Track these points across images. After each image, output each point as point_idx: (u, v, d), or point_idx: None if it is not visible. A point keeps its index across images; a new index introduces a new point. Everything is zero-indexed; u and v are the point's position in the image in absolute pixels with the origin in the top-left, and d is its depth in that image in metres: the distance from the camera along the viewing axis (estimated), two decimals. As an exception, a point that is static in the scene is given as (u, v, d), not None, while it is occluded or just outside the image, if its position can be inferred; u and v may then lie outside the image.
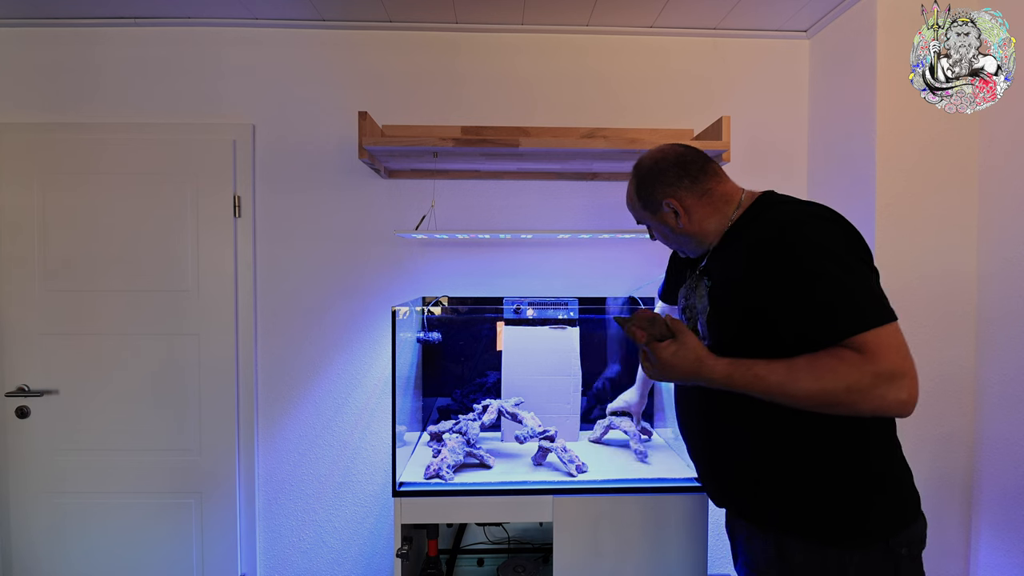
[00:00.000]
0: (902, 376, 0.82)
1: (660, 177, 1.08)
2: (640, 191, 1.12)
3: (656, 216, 1.11)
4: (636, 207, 1.16)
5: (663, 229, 1.13)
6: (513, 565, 1.75)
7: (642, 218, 1.17)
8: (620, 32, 1.96)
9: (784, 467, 0.97)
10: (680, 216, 1.07)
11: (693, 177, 1.07)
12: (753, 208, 1.04)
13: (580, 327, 1.87)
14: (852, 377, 0.83)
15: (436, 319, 1.94)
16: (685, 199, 1.07)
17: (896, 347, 0.84)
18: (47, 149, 1.87)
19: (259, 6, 1.82)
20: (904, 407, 0.83)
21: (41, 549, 1.92)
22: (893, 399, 0.83)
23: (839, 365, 0.84)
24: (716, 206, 1.06)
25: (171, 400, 1.91)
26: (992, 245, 1.62)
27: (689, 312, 1.13)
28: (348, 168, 1.94)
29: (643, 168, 1.12)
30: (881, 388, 0.82)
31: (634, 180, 1.14)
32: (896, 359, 0.83)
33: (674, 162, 1.08)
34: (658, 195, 1.08)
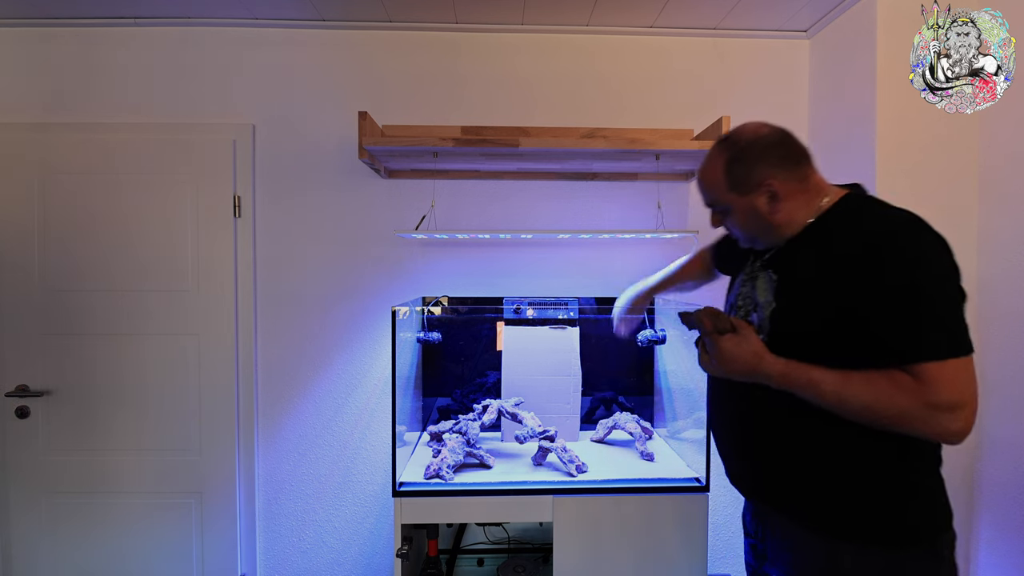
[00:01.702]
0: (959, 408, 0.82)
1: (763, 155, 0.97)
2: (733, 168, 0.99)
3: (745, 199, 0.99)
4: (718, 187, 1.02)
5: (747, 215, 1.01)
6: (513, 565, 1.75)
7: (721, 200, 1.03)
8: (620, 32, 1.96)
9: (836, 469, 0.94)
10: (776, 202, 0.97)
11: (796, 160, 0.98)
12: (840, 205, 0.97)
13: (580, 327, 1.87)
14: (905, 403, 0.84)
15: (436, 319, 1.94)
16: (786, 183, 0.97)
17: (959, 381, 0.83)
18: (47, 149, 1.87)
19: (259, 6, 1.82)
20: (955, 437, 0.84)
21: (41, 549, 1.92)
22: (945, 429, 0.84)
23: (895, 390, 0.84)
24: (809, 196, 0.99)
25: (171, 400, 1.91)
26: (992, 246, 1.62)
27: (743, 301, 1.07)
28: (348, 168, 1.94)
29: (740, 143, 1.00)
30: (936, 418, 0.83)
31: (723, 155, 1.01)
32: (954, 392, 0.82)
33: (778, 141, 0.98)
34: (756, 175, 0.97)
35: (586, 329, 1.91)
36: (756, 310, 1.03)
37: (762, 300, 1.01)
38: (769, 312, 0.99)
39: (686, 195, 2.00)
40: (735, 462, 1.11)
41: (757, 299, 1.03)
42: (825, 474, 0.95)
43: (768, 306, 1.00)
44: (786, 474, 1.00)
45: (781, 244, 1.02)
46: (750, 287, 1.06)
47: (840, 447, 0.94)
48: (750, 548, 1.15)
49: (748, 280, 1.08)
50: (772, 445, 1.01)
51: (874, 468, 0.93)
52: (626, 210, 1.98)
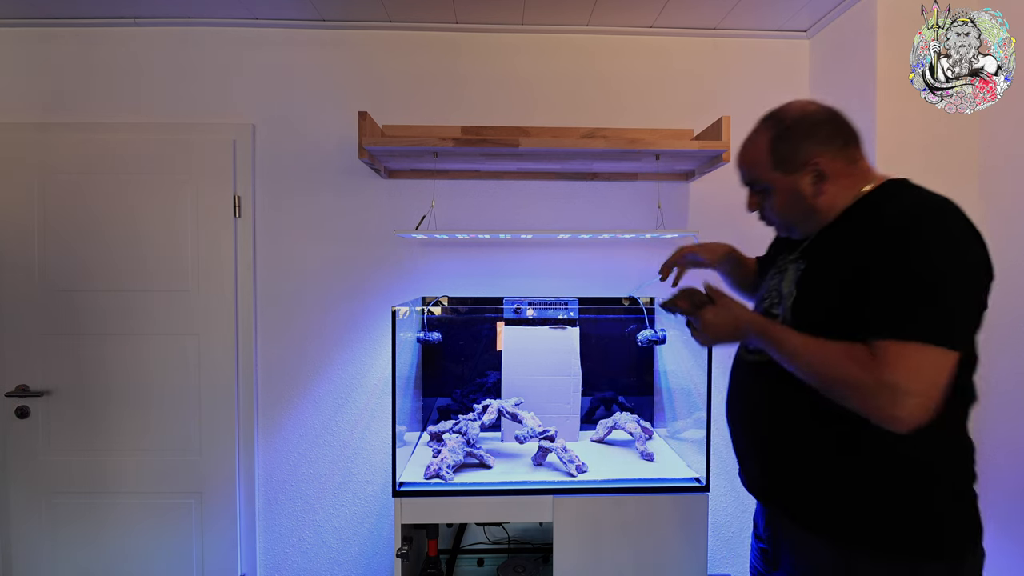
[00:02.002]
0: (908, 394, 0.78)
1: (812, 132, 0.92)
2: (779, 145, 0.94)
3: (789, 178, 0.94)
4: (761, 165, 0.97)
5: (789, 196, 0.96)
6: (513, 565, 1.75)
7: (762, 179, 0.98)
8: (620, 32, 1.96)
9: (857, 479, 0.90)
10: (822, 183, 0.93)
11: (845, 140, 0.93)
12: (879, 190, 0.93)
13: (580, 327, 1.87)
14: (855, 374, 0.82)
15: (436, 319, 1.94)
16: (834, 163, 0.92)
17: (918, 367, 0.79)
18: (47, 149, 1.87)
19: (259, 6, 1.82)
20: (898, 424, 0.80)
21: (41, 549, 1.92)
22: (888, 412, 0.80)
23: (850, 360, 0.83)
24: (855, 180, 0.93)
25: (171, 400, 1.91)
26: (992, 246, 1.62)
27: (769, 294, 1.05)
28: (348, 168, 1.94)
29: (786, 120, 0.95)
30: (880, 398, 0.80)
31: (769, 132, 0.96)
32: (907, 376, 0.79)
33: (827, 119, 0.94)
34: (804, 153, 0.92)
35: (586, 329, 1.91)
36: (780, 302, 1.00)
37: (786, 291, 0.99)
38: (791, 303, 0.97)
39: (686, 195, 2.00)
40: (750, 465, 1.08)
41: (782, 291, 1.00)
42: (845, 483, 0.91)
43: (790, 296, 0.97)
44: (803, 480, 0.96)
45: (815, 233, 0.98)
46: (778, 280, 1.03)
47: (862, 455, 0.90)
48: (759, 552, 1.12)
49: (778, 273, 1.05)
50: (790, 450, 0.97)
51: (898, 479, 0.88)
52: (626, 210, 1.98)
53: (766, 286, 1.09)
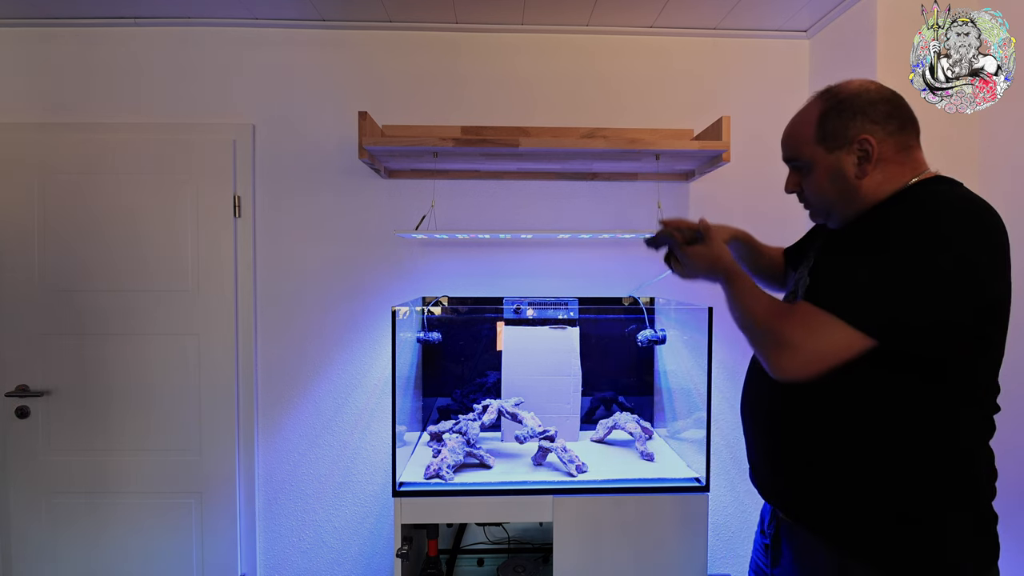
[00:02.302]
0: (792, 347, 0.83)
1: (867, 109, 0.87)
2: (827, 118, 0.90)
3: (833, 155, 0.90)
4: (805, 139, 0.93)
5: (829, 176, 0.91)
6: (513, 565, 1.75)
7: (806, 154, 0.93)
8: (620, 32, 1.96)
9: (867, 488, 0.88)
10: (867, 163, 0.87)
11: (902, 124, 0.88)
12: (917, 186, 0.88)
13: (580, 327, 1.87)
14: (762, 315, 0.88)
15: (436, 319, 1.94)
16: (884, 144, 0.87)
17: (816, 328, 0.81)
18: (47, 149, 1.87)
19: (259, 6, 1.82)
20: (781, 373, 0.85)
21: (41, 549, 1.92)
22: (774, 360, 0.85)
23: (769, 308, 0.89)
24: (903, 170, 0.89)
25: (171, 400, 1.91)
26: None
27: (795, 283, 1.05)
28: (348, 168, 1.94)
29: (844, 92, 0.90)
30: (771, 345, 0.86)
31: (821, 104, 0.91)
32: (802, 335, 0.82)
33: (887, 98, 0.89)
34: (854, 128, 0.87)
35: (586, 329, 1.91)
36: (799, 290, 1.00)
37: (803, 285, 0.99)
38: (804, 290, 0.96)
39: (686, 195, 2.00)
40: (760, 462, 1.06)
41: (799, 280, 1.01)
42: (852, 489, 0.89)
43: (804, 284, 0.97)
44: (810, 482, 0.94)
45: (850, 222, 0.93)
46: (805, 269, 1.02)
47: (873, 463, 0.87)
48: (763, 548, 1.11)
49: (807, 263, 1.03)
50: (801, 451, 0.95)
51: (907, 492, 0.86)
52: (626, 210, 1.98)
53: (793, 279, 1.08)
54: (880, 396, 0.86)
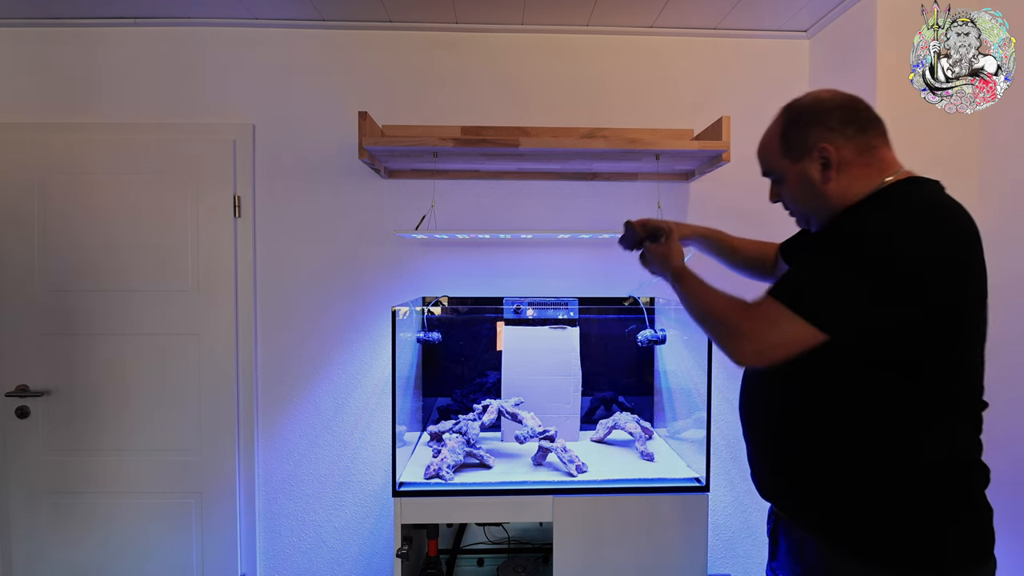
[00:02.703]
0: (747, 337, 0.88)
1: (822, 118, 0.92)
2: (788, 132, 0.95)
3: (798, 165, 0.94)
4: (773, 153, 0.98)
5: (799, 184, 0.95)
6: (513, 565, 1.75)
7: (775, 168, 0.99)
8: (620, 32, 1.96)
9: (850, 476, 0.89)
10: (830, 168, 0.91)
11: (861, 127, 0.91)
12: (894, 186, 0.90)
13: (580, 327, 1.87)
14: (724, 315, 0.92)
15: (436, 319, 1.94)
16: (844, 149, 0.90)
17: (770, 321, 0.86)
18: (47, 149, 1.87)
19: (259, 6, 1.82)
20: (732, 356, 0.90)
21: (41, 549, 1.92)
22: (730, 346, 0.90)
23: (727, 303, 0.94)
24: (871, 170, 0.91)
25: (171, 400, 1.91)
26: (992, 245, 1.62)
27: None
28: (348, 168, 1.94)
29: (799, 106, 0.95)
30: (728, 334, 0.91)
31: (782, 120, 0.97)
32: (757, 325, 0.87)
33: (843, 104, 0.92)
34: (812, 138, 0.92)
35: (586, 329, 1.91)
36: None
37: None
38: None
39: (686, 195, 2.00)
40: (760, 467, 1.07)
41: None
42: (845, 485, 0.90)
43: None
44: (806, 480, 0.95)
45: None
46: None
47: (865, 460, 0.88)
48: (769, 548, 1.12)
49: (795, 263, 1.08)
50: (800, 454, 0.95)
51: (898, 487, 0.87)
52: (626, 210, 1.98)
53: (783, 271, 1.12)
54: (868, 393, 0.88)
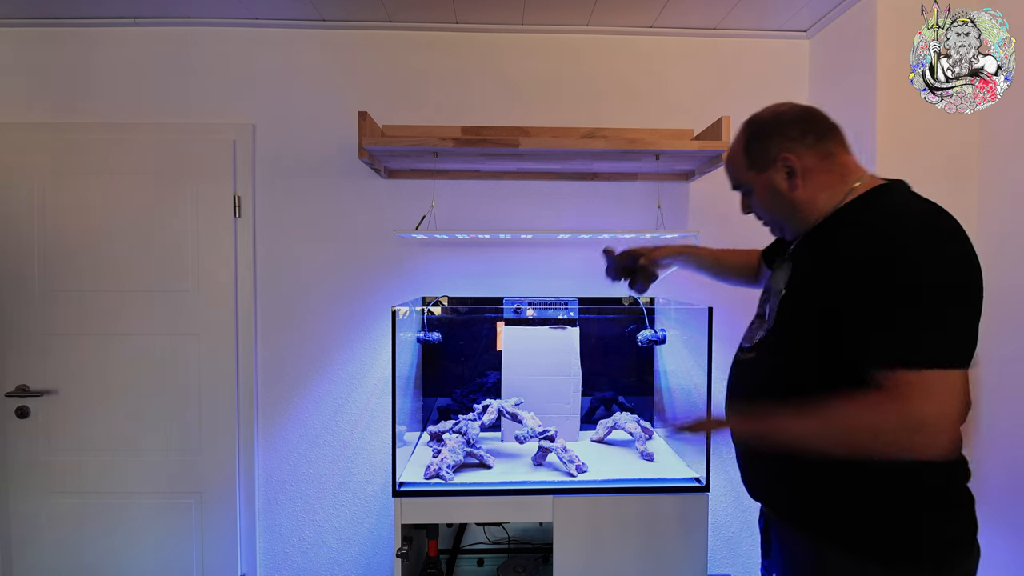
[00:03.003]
0: (933, 425, 0.77)
1: (782, 129, 0.96)
2: (751, 145, 0.99)
3: (764, 175, 0.98)
4: (739, 166, 1.02)
5: (768, 193, 0.99)
6: (513, 565, 1.75)
7: (743, 180, 1.03)
8: (620, 32, 1.96)
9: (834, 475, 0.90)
10: (795, 177, 0.94)
11: (819, 135, 0.95)
12: (867, 196, 0.92)
13: (580, 327, 1.87)
14: (876, 423, 0.79)
15: (436, 319, 1.94)
16: (805, 157, 0.94)
17: (935, 394, 0.77)
18: (47, 149, 1.87)
19: (259, 6, 1.82)
20: (936, 454, 0.79)
21: (41, 549, 1.92)
22: (920, 449, 0.78)
23: (862, 412, 0.81)
24: (834, 176, 0.95)
25: (171, 400, 1.91)
26: (992, 245, 1.62)
27: (766, 296, 1.06)
28: (348, 168, 1.94)
29: (760, 120, 1.00)
30: (910, 436, 0.78)
31: (744, 133, 1.01)
32: (926, 406, 0.76)
33: (800, 115, 0.97)
34: (774, 149, 0.96)
35: (586, 329, 1.91)
36: (770, 299, 1.02)
37: (775, 288, 1.01)
38: (779, 300, 0.98)
39: (686, 195, 2.00)
40: (745, 463, 1.08)
41: (771, 288, 1.02)
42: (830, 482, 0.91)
43: (779, 293, 0.99)
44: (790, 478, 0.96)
45: (807, 231, 0.98)
46: (774, 277, 1.05)
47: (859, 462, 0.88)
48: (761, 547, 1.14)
49: (776, 270, 1.07)
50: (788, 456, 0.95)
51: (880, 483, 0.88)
52: (626, 210, 1.98)
53: (767, 283, 1.10)
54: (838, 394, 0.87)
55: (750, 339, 1.04)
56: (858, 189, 0.93)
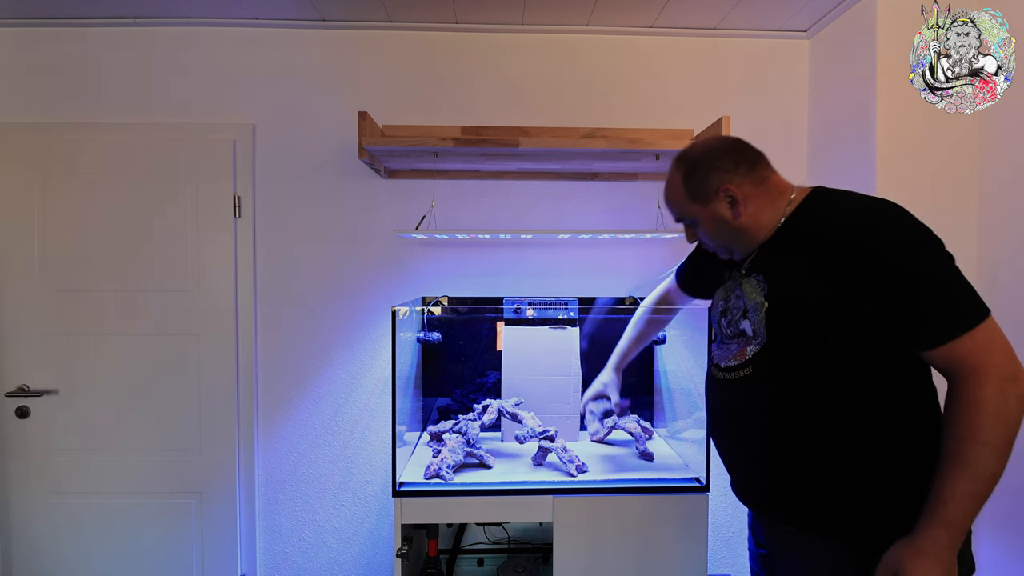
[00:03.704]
0: (1016, 374, 0.80)
1: (715, 163, 1.01)
2: (690, 180, 1.03)
3: (708, 208, 1.02)
4: (681, 201, 1.06)
5: (714, 223, 1.03)
6: (513, 565, 1.75)
7: (688, 213, 1.07)
8: (620, 32, 1.96)
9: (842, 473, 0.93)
10: (737, 205, 1.00)
11: (751, 163, 1.01)
12: (810, 203, 0.98)
13: (580, 327, 1.87)
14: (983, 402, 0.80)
15: (436, 319, 1.94)
16: (743, 186, 1.00)
17: (996, 341, 0.82)
18: (47, 149, 1.87)
19: (259, 6, 1.82)
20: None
21: (41, 549, 1.92)
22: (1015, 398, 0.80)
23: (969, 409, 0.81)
24: (771, 196, 1.00)
25: (171, 400, 1.91)
26: (992, 245, 1.62)
27: (730, 315, 1.07)
28: (348, 168, 1.94)
29: (692, 157, 1.04)
30: (1012, 389, 0.80)
31: (680, 170, 1.05)
32: (997, 356, 0.81)
33: (729, 148, 1.02)
34: (712, 182, 1.00)
35: (586, 329, 1.91)
36: (747, 315, 1.02)
37: (752, 303, 1.01)
38: (763, 314, 0.98)
39: (686, 195, 2.00)
40: (743, 476, 1.09)
41: (747, 304, 1.02)
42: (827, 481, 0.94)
43: (760, 308, 0.99)
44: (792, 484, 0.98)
45: (756, 248, 1.03)
46: (737, 294, 1.06)
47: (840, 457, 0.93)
48: (760, 557, 1.14)
49: (733, 288, 1.08)
50: (779, 458, 0.98)
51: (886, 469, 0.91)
52: (626, 210, 1.98)
53: (724, 303, 1.11)
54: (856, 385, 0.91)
55: (737, 357, 1.03)
56: (796, 200, 1.00)
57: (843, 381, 0.91)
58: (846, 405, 0.91)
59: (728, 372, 1.05)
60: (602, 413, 1.75)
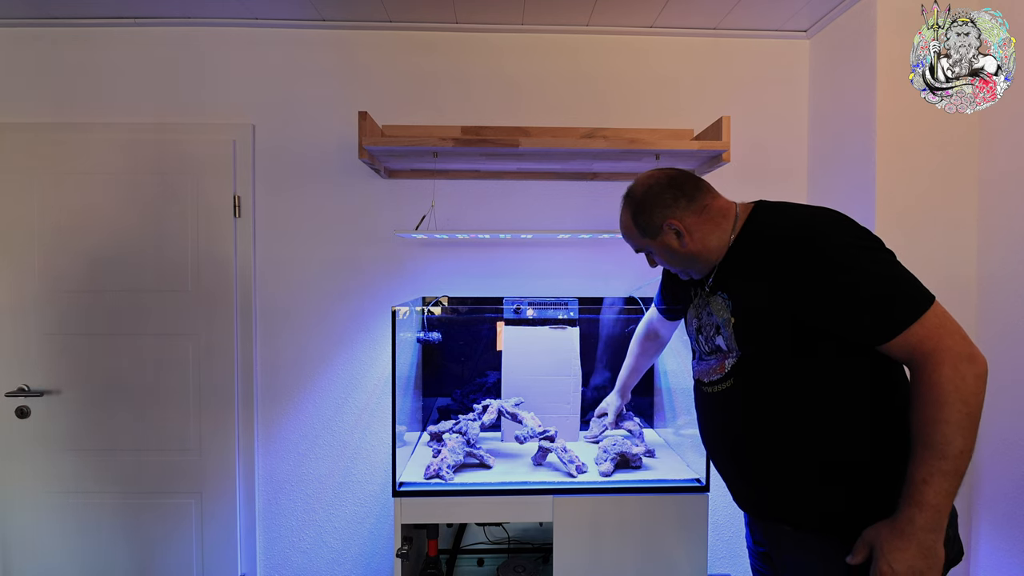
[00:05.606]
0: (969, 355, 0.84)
1: (656, 200, 1.08)
2: (637, 218, 1.11)
3: (657, 240, 1.11)
4: (634, 236, 1.15)
5: (666, 253, 1.12)
6: (513, 565, 1.75)
7: (642, 246, 1.17)
8: (620, 32, 1.96)
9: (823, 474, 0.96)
10: (683, 236, 1.07)
11: (689, 196, 1.07)
12: (754, 216, 1.05)
13: (580, 327, 1.87)
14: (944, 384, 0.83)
15: (436, 319, 1.94)
16: (685, 218, 1.07)
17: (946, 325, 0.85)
18: (47, 149, 1.87)
19: (259, 6, 1.82)
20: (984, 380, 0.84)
21: (41, 549, 1.92)
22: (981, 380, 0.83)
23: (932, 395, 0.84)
24: (715, 221, 1.07)
25: (171, 400, 1.91)
26: (992, 246, 1.62)
27: (705, 332, 1.11)
28: (348, 168, 1.94)
29: (636, 196, 1.12)
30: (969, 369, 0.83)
31: (628, 209, 1.14)
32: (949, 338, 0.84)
33: (667, 184, 1.08)
34: (657, 219, 1.08)
35: (586, 329, 1.91)
36: (720, 331, 1.06)
37: (722, 319, 1.05)
38: (731, 328, 1.03)
39: (686, 195, 2.00)
40: (739, 485, 1.11)
41: (717, 320, 1.07)
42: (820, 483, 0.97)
43: (728, 323, 1.04)
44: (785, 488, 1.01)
45: (715, 267, 1.09)
46: (707, 312, 1.11)
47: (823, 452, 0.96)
48: (760, 556, 1.16)
49: (702, 306, 1.13)
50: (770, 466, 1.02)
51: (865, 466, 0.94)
52: (626, 210, 1.98)
53: (697, 320, 1.15)
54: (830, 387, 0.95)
55: (717, 371, 1.07)
56: (742, 216, 1.06)
57: (818, 384, 0.95)
58: (823, 407, 0.95)
59: (711, 386, 1.09)
60: (603, 426, 1.79)
